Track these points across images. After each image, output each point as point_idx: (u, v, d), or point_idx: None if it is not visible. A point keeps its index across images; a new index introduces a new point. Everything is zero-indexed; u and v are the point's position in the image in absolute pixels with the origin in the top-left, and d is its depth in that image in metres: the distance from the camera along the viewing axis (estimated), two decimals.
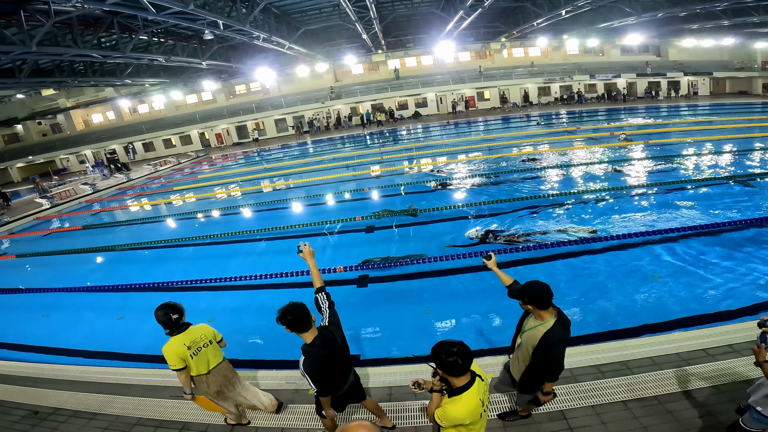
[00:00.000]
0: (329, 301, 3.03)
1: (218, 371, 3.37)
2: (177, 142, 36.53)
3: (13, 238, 14.46)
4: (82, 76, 22.69)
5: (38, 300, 8.35)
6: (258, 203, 14.66)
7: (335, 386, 2.95)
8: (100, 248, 11.18)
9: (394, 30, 32.83)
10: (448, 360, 2.13)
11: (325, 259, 8.15)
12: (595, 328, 5.26)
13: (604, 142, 17.02)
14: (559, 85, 34.09)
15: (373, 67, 37.52)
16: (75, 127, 38.76)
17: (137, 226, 13.68)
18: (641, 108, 28.17)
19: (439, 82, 34.86)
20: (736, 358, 3.97)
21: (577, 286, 6.36)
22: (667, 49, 35.65)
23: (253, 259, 9.42)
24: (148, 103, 38.64)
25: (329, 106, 34.95)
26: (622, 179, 11.49)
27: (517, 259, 7.24)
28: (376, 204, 12.07)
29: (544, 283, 2.73)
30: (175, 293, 7.75)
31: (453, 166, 15.79)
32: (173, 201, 17.09)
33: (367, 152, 23.06)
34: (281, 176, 19.00)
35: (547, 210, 9.49)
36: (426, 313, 6.16)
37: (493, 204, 10.22)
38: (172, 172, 25.11)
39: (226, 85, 36.50)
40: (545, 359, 2.74)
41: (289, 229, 10.47)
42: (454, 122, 29.79)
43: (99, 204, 18.46)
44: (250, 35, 20.18)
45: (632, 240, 7.39)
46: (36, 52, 14.29)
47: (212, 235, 10.81)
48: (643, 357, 4.18)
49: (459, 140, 23.22)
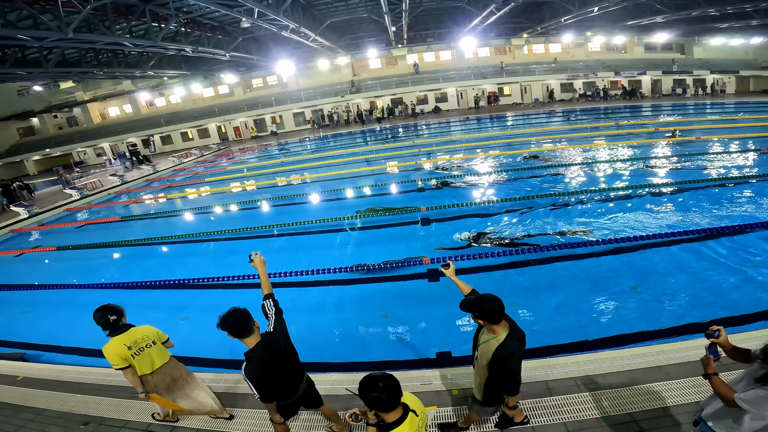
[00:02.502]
0: (276, 308, 3.05)
1: (164, 371, 3.43)
2: (195, 135, 36.32)
3: (44, 229, 14.17)
4: (107, 67, 22.41)
5: (89, 297, 7.89)
6: (293, 195, 14.27)
7: (283, 392, 2.96)
8: (145, 240, 10.84)
9: (416, 24, 32.46)
10: (372, 395, 2.02)
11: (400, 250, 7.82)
12: (595, 335, 5.05)
13: (647, 137, 16.57)
14: (582, 81, 33.59)
15: (391, 61, 37.12)
16: (92, 120, 38.60)
17: (176, 217, 13.38)
18: (668, 105, 27.65)
19: (460, 77, 34.42)
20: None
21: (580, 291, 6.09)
22: (692, 47, 35.10)
23: (302, 253, 8.93)
24: (166, 97, 38.40)
25: (348, 100, 34.57)
26: (653, 176, 11.06)
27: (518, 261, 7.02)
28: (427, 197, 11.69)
29: (495, 296, 2.67)
30: (241, 290, 7.38)
31: (505, 159, 15.28)
32: (208, 192, 16.84)
33: (401, 145, 22.68)
34: (312, 169, 18.61)
35: (573, 209, 9.12)
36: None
37: (507, 201, 9.91)
38: (196, 164, 24.88)
39: (243, 78, 36.22)
40: (500, 374, 2.70)
41: (329, 222, 10.15)
42: (476, 116, 29.37)
43: (128, 195, 18.20)
44: (279, 25, 19.85)
45: (628, 244, 7.04)
46: (72, 39, 13.98)
47: (254, 227, 10.42)
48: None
49: (500, 133, 22.80)
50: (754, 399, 2.08)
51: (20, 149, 36.50)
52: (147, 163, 25.49)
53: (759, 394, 2.07)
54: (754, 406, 2.09)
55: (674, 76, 32.57)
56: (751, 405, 2.09)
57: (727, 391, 2.20)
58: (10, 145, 37.26)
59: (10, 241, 13.48)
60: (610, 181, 11.10)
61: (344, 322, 6.16)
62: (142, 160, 26.32)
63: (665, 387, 3.57)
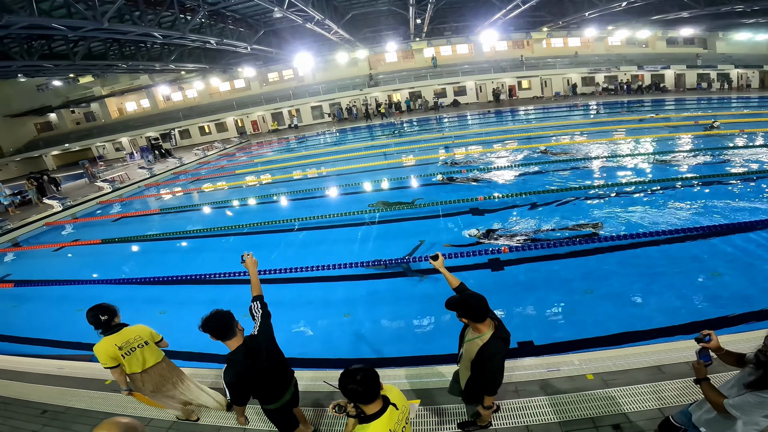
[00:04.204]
0: (264, 310, 2.98)
1: (155, 371, 3.44)
2: (212, 129, 36.33)
3: (77, 223, 14.07)
4: (131, 60, 22.37)
5: (145, 293, 7.43)
6: (324, 187, 14.12)
7: (269, 395, 2.91)
8: (191, 232, 10.62)
9: (435, 17, 32.06)
10: (349, 387, 2.04)
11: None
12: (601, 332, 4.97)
13: (683, 130, 16.22)
14: (604, 75, 33.13)
15: (407, 55, 36.83)
16: (110, 115, 38.72)
17: (217, 209, 13.21)
18: (693, 98, 27.19)
19: (479, 71, 34.06)
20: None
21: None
22: (715, 42, 34.50)
23: (341, 246, 8.70)
24: (183, 91, 38.42)
25: (366, 93, 34.36)
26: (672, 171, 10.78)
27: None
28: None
29: (480, 295, 2.65)
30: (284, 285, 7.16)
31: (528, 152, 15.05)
32: (241, 184, 16.74)
33: (431, 137, 22.46)
34: (334, 161, 18.41)
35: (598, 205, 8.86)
36: (586, 293, 5.83)
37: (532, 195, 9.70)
38: (219, 157, 24.86)
39: (260, 72, 36.10)
40: (481, 373, 2.69)
41: (355, 215, 9.95)
42: (497, 110, 29.02)
43: (156, 188, 18.15)
44: (306, 16, 19.70)
45: (642, 239, 6.84)
46: (107, 29, 13.92)
47: (303, 218, 10.29)
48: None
49: (534, 126, 22.47)
50: (743, 405, 2.03)
51: (39, 144, 36.75)
52: (169, 156, 25.51)
53: (748, 399, 2.01)
54: (743, 412, 2.03)
55: (698, 71, 32.09)
56: (740, 411, 2.04)
57: (718, 396, 2.15)
58: (28, 141, 37.52)
59: (47, 234, 13.40)
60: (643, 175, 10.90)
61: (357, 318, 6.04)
62: (164, 153, 26.34)
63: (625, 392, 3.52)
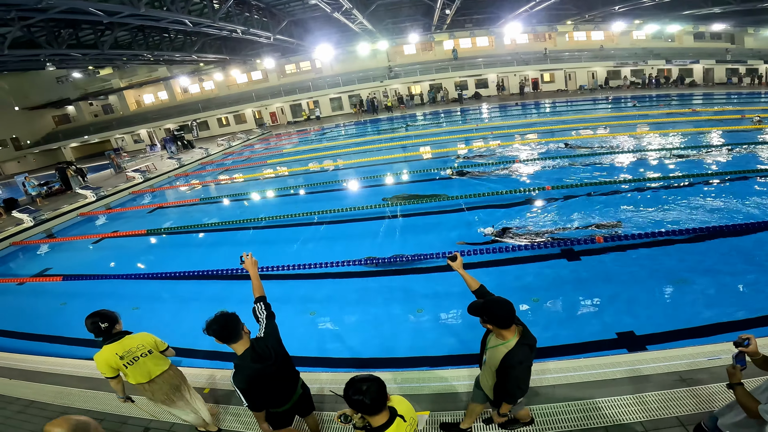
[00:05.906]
0: (268, 311, 2.87)
1: (163, 380, 3.27)
2: (231, 121, 36.19)
3: (111, 213, 13.83)
4: (155, 50, 22.17)
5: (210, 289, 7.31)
6: (355, 178, 13.79)
7: (275, 400, 2.80)
8: (239, 223, 10.33)
9: (460, 9, 31.49)
10: (354, 398, 1.96)
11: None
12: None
13: (728, 124, 15.69)
14: (630, 69, 32.45)
15: (427, 47, 36.29)
16: (128, 108, 38.69)
17: (261, 199, 12.96)
18: (722, 93, 26.47)
19: (501, 63, 33.49)
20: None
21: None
22: (743, 37, 33.63)
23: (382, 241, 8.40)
24: (201, 83, 38.25)
25: (387, 85, 33.95)
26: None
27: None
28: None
29: (506, 300, 2.50)
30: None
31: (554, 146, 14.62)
32: (272, 174, 16.54)
33: (460, 128, 22.02)
34: (361, 153, 18.09)
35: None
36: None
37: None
38: (243, 147, 24.71)
39: (278, 63, 35.79)
40: (504, 380, 2.59)
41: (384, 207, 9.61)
42: (523, 102, 28.45)
43: (185, 179, 17.98)
44: (335, 5, 19.41)
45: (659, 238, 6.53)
46: (143, 15, 13.66)
47: (338, 210, 9.97)
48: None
49: (573, 117, 21.94)
50: None
51: (58, 136, 36.83)
52: (192, 147, 25.37)
53: None
54: None
55: (727, 65, 31.34)
56: None
57: (752, 402, 2.12)
58: (46, 133, 37.58)
59: (82, 225, 13.17)
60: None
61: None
62: (186, 144, 26.24)
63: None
